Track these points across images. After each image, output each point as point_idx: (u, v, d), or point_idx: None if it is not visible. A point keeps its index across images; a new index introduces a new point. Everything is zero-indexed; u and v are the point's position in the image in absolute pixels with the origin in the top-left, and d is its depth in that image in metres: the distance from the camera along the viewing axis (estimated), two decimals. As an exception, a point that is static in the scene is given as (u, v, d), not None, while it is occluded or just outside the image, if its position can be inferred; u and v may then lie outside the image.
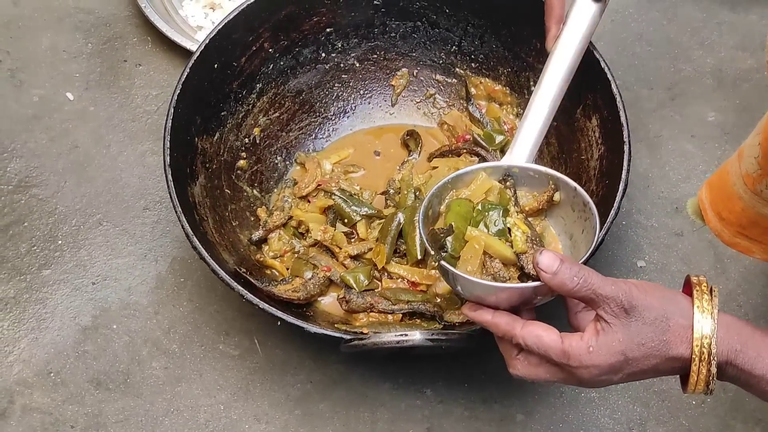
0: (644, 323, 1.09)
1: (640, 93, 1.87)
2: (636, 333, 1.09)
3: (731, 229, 1.36)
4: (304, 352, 1.61)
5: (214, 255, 1.45)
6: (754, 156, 1.25)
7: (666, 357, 1.10)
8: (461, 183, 1.36)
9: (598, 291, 1.10)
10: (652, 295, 1.10)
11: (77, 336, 1.63)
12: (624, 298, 1.09)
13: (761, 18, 1.95)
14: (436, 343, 1.35)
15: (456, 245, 1.30)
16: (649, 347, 1.09)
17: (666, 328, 1.09)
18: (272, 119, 1.74)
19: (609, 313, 1.10)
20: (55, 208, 1.76)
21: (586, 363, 1.11)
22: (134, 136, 1.84)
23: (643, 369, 1.11)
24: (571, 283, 1.11)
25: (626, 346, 1.09)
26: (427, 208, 1.32)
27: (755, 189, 1.27)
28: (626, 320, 1.09)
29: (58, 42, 1.97)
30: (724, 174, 1.35)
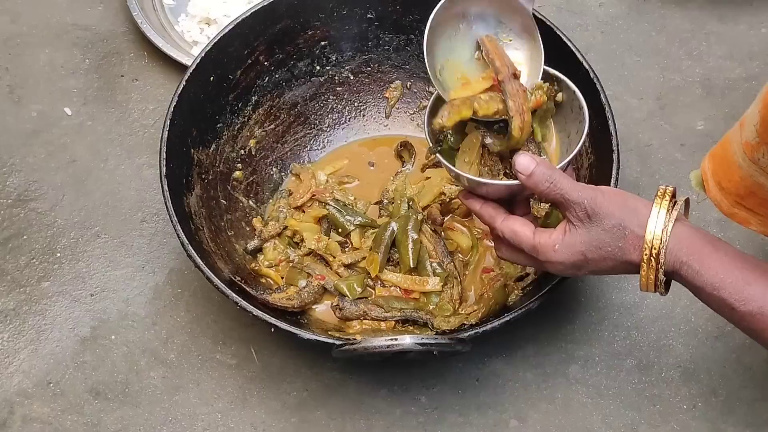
0: (603, 229, 1.21)
1: (630, 103, 1.89)
2: (595, 237, 1.21)
3: (730, 198, 1.40)
4: (300, 360, 1.62)
5: (209, 264, 1.47)
6: (753, 124, 1.27)
7: (620, 261, 1.22)
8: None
9: (566, 195, 1.22)
10: (614, 203, 1.21)
11: (76, 347, 1.65)
12: (588, 204, 1.21)
13: (749, 28, 1.98)
14: (426, 347, 1.36)
15: (456, 138, 1.37)
16: (606, 251, 1.21)
17: (622, 235, 1.20)
18: (268, 131, 1.76)
19: (574, 216, 1.23)
20: (53, 221, 1.78)
21: (551, 259, 1.25)
22: (131, 149, 1.87)
23: (601, 268, 1.24)
24: (543, 185, 1.24)
25: (586, 248, 1.22)
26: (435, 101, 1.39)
27: (753, 157, 1.29)
28: (588, 224, 1.21)
29: (56, 58, 1.99)
30: (726, 143, 1.38)
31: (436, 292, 1.60)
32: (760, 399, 1.56)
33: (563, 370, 1.60)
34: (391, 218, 1.65)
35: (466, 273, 1.64)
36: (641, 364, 1.59)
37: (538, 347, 1.62)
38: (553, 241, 1.24)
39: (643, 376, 1.59)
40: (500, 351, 1.61)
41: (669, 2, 2.03)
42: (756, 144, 1.28)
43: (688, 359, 1.60)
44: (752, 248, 1.67)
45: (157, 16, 2.04)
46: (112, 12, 2.06)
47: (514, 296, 1.56)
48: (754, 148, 1.28)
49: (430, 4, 1.67)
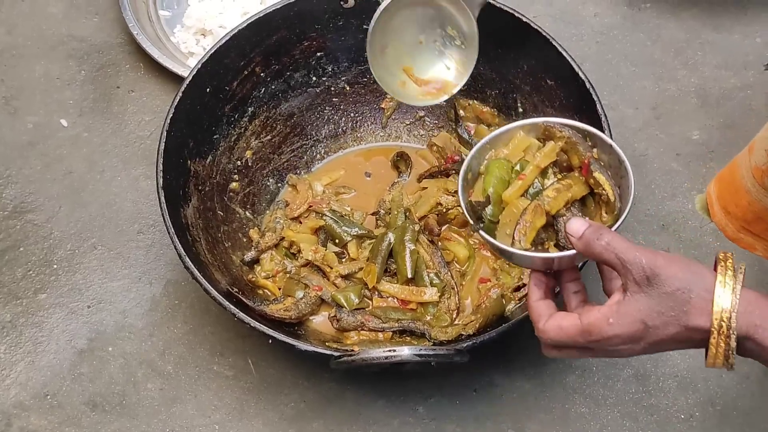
0: (665, 292, 1.09)
1: (626, 112, 1.89)
2: (657, 301, 1.10)
3: (736, 223, 1.37)
4: (298, 372, 1.62)
5: (206, 275, 1.47)
6: (764, 148, 1.25)
7: (685, 326, 1.09)
8: (500, 142, 1.32)
9: (622, 256, 1.11)
10: (676, 266, 1.10)
11: (73, 359, 1.65)
12: (647, 265, 1.10)
13: (744, 38, 1.98)
14: (424, 358, 1.36)
15: (495, 210, 1.29)
16: (669, 316, 1.10)
17: (687, 299, 1.09)
18: (264, 142, 1.76)
19: (632, 281, 1.11)
20: (50, 233, 1.78)
21: (607, 334, 1.12)
22: (128, 161, 1.87)
23: (663, 338, 1.11)
24: (596, 247, 1.14)
25: (646, 315, 1.10)
26: (466, 172, 1.30)
27: (763, 182, 1.27)
28: (648, 288, 1.10)
29: (52, 69, 2.00)
30: (734, 167, 1.35)
31: (434, 303, 1.60)
32: (757, 409, 1.56)
33: (561, 380, 1.60)
34: (388, 229, 1.65)
35: (463, 283, 1.64)
36: (638, 374, 1.59)
37: (535, 357, 1.62)
38: (604, 315, 1.13)
39: (640, 386, 1.59)
40: (498, 361, 1.61)
41: (664, 12, 2.03)
42: (766, 169, 1.26)
43: (685, 369, 1.60)
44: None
45: (152, 27, 2.04)
46: (108, 23, 2.06)
47: (511, 306, 1.56)
48: (764, 173, 1.26)
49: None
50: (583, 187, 1.28)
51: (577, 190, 1.28)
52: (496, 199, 1.29)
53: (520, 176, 1.28)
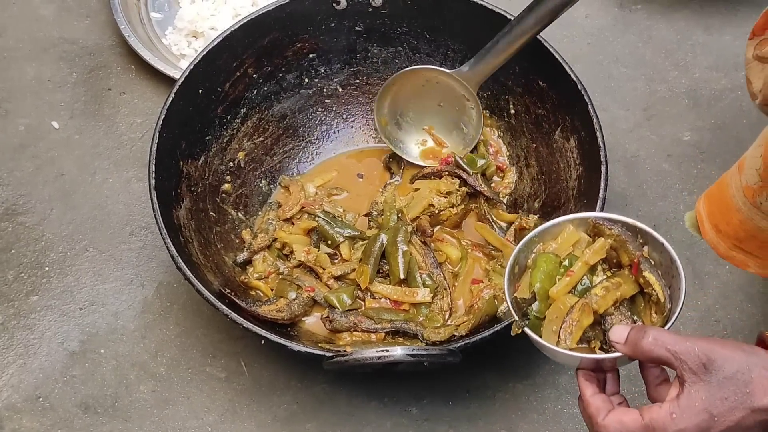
0: (725, 377, 1.06)
1: (617, 114, 1.90)
2: (718, 388, 1.06)
3: (728, 242, 1.35)
4: (290, 373, 1.62)
5: (199, 276, 1.47)
6: (755, 168, 1.23)
7: (751, 409, 1.05)
8: (548, 236, 1.30)
9: (673, 348, 1.09)
10: (730, 348, 1.08)
11: (65, 361, 1.64)
12: (701, 352, 1.07)
13: (734, 39, 1.99)
14: (417, 358, 1.36)
15: (542, 306, 1.25)
16: (733, 401, 1.05)
17: (749, 380, 1.06)
18: (256, 143, 1.76)
19: (688, 371, 1.07)
20: (41, 235, 1.77)
21: (671, 430, 1.07)
22: (119, 163, 1.86)
23: (729, 425, 1.06)
24: (645, 345, 1.11)
25: (709, 403, 1.06)
26: (513, 266, 1.27)
27: (755, 201, 1.25)
28: (706, 376, 1.07)
29: (43, 72, 1.99)
30: (723, 186, 1.33)
31: (426, 304, 1.60)
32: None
33: (553, 380, 1.60)
34: (380, 230, 1.65)
35: (455, 284, 1.64)
36: (630, 374, 1.59)
37: (528, 358, 1.62)
38: (666, 411, 1.08)
39: (632, 386, 1.59)
40: (490, 362, 1.62)
41: (655, 13, 2.04)
42: (758, 188, 1.24)
43: (677, 369, 1.60)
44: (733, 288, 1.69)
45: (144, 29, 2.04)
46: (99, 26, 2.06)
47: (503, 307, 1.56)
48: (755, 192, 1.25)
49: (418, 16, 1.69)
50: (633, 286, 1.25)
51: (627, 288, 1.25)
52: (543, 295, 1.25)
53: (568, 272, 1.25)
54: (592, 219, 1.29)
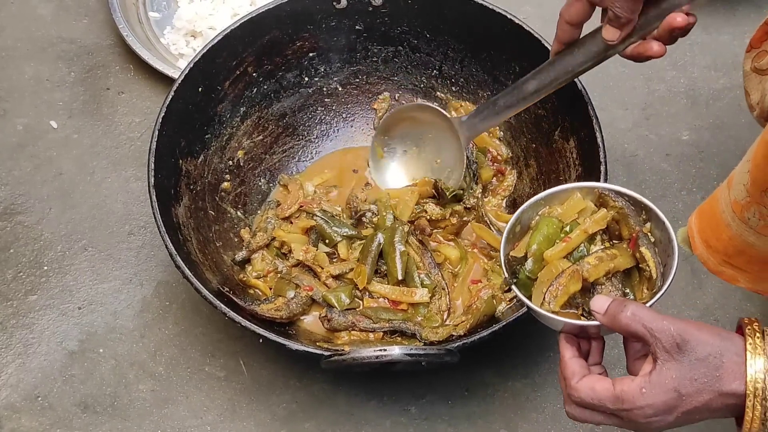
0: (697, 358, 1.09)
1: (616, 113, 1.90)
2: (689, 368, 1.09)
3: (717, 257, 1.35)
4: (289, 372, 1.62)
5: (197, 275, 1.47)
6: (743, 183, 1.24)
7: (719, 392, 1.08)
8: (555, 200, 1.31)
9: (649, 325, 1.11)
10: (706, 332, 1.10)
11: (64, 360, 1.64)
12: (676, 332, 1.10)
13: (733, 38, 1.99)
14: (415, 357, 1.36)
15: (535, 267, 1.27)
16: (702, 382, 1.08)
17: (719, 364, 1.08)
18: (256, 142, 1.76)
19: (661, 349, 1.10)
20: (40, 234, 1.77)
21: (639, 404, 1.10)
22: (118, 162, 1.86)
23: (696, 406, 1.09)
24: (623, 319, 1.13)
25: (679, 383, 1.09)
26: (514, 225, 1.30)
27: (743, 216, 1.26)
28: (679, 356, 1.09)
29: (42, 71, 1.99)
30: (714, 201, 1.33)
31: (424, 303, 1.60)
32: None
33: (552, 379, 1.60)
34: (377, 230, 1.65)
35: (454, 284, 1.64)
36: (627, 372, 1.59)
37: (526, 357, 1.62)
38: (637, 385, 1.11)
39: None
40: (489, 361, 1.62)
41: (653, 14, 2.04)
42: (746, 203, 1.25)
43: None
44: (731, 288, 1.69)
45: (142, 29, 2.04)
46: (98, 25, 2.06)
47: (502, 307, 1.56)
48: (744, 208, 1.26)
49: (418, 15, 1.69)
50: (629, 260, 1.27)
51: (622, 261, 1.26)
52: (538, 257, 1.27)
53: (565, 238, 1.27)
54: (599, 189, 1.30)
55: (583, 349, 1.24)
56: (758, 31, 1.46)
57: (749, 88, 1.49)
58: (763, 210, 1.24)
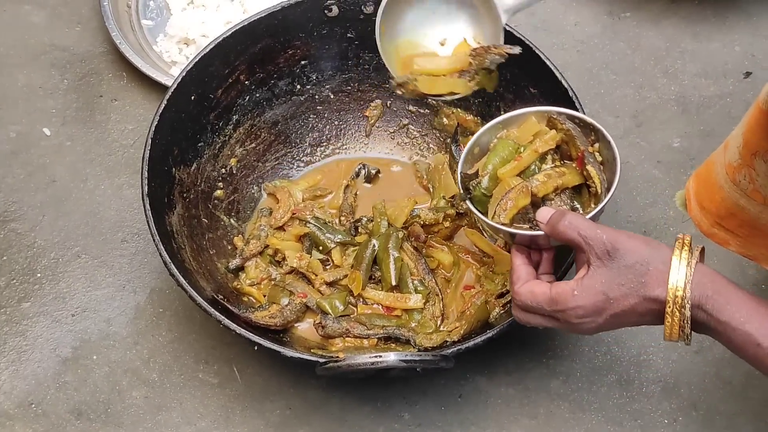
0: (625, 265, 1.17)
1: (607, 121, 1.90)
2: (617, 273, 1.18)
3: (710, 218, 1.41)
4: (283, 379, 1.62)
5: (191, 282, 1.48)
6: (737, 146, 1.29)
7: (643, 297, 1.17)
8: (512, 123, 1.41)
9: (583, 232, 1.20)
10: (636, 241, 1.19)
11: (58, 367, 1.64)
12: (608, 240, 1.19)
13: (723, 46, 2.00)
14: (410, 364, 1.37)
15: (491, 185, 1.38)
16: (628, 287, 1.17)
17: (645, 271, 1.17)
18: (248, 150, 1.77)
19: (594, 256, 1.19)
20: (33, 241, 1.77)
21: (571, 305, 1.20)
22: (111, 169, 1.86)
23: (623, 309, 1.19)
24: (561, 226, 1.23)
25: (607, 287, 1.18)
26: (473, 146, 1.41)
27: (735, 179, 1.31)
28: (609, 262, 1.18)
29: (34, 79, 1.99)
30: (710, 164, 1.40)
31: (418, 309, 1.60)
32: (740, 413, 1.57)
33: (545, 385, 1.61)
34: (371, 236, 1.66)
35: (447, 290, 1.64)
36: (622, 379, 1.60)
37: (519, 363, 1.63)
38: (571, 287, 1.20)
39: (624, 391, 1.60)
40: (482, 367, 1.62)
41: (644, 21, 2.05)
42: (738, 166, 1.29)
43: (668, 374, 1.61)
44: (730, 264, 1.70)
45: (135, 36, 2.04)
46: (90, 32, 2.06)
47: (495, 313, 1.57)
48: (736, 170, 1.30)
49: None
50: (577, 177, 1.37)
51: (570, 179, 1.36)
52: (494, 175, 1.38)
53: (517, 157, 1.38)
54: (551, 113, 1.40)
55: (534, 259, 1.33)
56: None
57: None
58: (752, 173, 1.28)
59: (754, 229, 1.37)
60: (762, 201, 1.31)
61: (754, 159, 1.26)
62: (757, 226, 1.36)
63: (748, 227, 1.37)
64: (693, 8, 2.06)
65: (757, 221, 1.35)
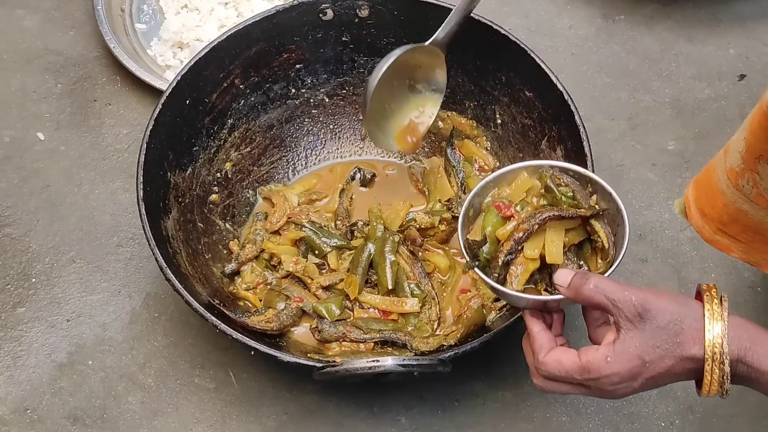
0: (658, 326, 1.12)
1: (602, 123, 1.91)
2: (651, 336, 1.12)
3: (712, 225, 1.40)
4: (280, 383, 1.62)
5: (187, 287, 1.47)
6: (738, 150, 1.28)
7: (680, 357, 1.12)
8: (504, 181, 1.34)
9: (611, 296, 1.14)
10: (666, 300, 1.14)
11: (53, 373, 1.64)
12: (638, 302, 1.13)
13: (717, 49, 2.00)
14: (408, 368, 1.37)
15: (491, 248, 1.30)
16: (664, 349, 1.12)
17: (679, 330, 1.12)
18: (243, 154, 1.76)
19: (624, 318, 1.14)
20: (28, 246, 1.77)
21: (605, 373, 1.14)
22: (105, 174, 1.86)
23: (659, 372, 1.13)
24: (586, 291, 1.16)
25: (642, 350, 1.12)
26: (467, 209, 1.33)
27: (737, 184, 1.30)
28: (641, 324, 1.13)
29: (28, 83, 1.99)
30: (710, 170, 1.38)
31: (415, 313, 1.60)
32: (737, 415, 1.58)
33: (542, 389, 1.61)
34: (367, 240, 1.66)
35: (444, 294, 1.64)
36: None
37: (516, 366, 1.63)
38: (603, 354, 1.14)
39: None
40: (479, 371, 1.62)
41: (638, 24, 2.05)
42: (740, 170, 1.28)
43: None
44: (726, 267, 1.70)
45: (129, 40, 2.04)
46: (84, 37, 2.06)
47: (492, 316, 1.57)
48: (738, 175, 1.29)
49: (404, 26, 1.69)
50: (581, 233, 1.30)
51: (574, 235, 1.30)
52: (493, 239, 1.30)
53: (514, 214, 1.30)
54: (544, 167, 1.33)
55: (546, 322, 1.27)
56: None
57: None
58: (756, 177, 1.27)
59: (757, 234, 1.36)
60: (766, 205, 1.30)
61: (758, 163, 1.25)
62: (760, 231, 1.35)
63: (752, 232, 1.36)
64: (687, 11, 2.07)
65: (761, 226, 1.34)
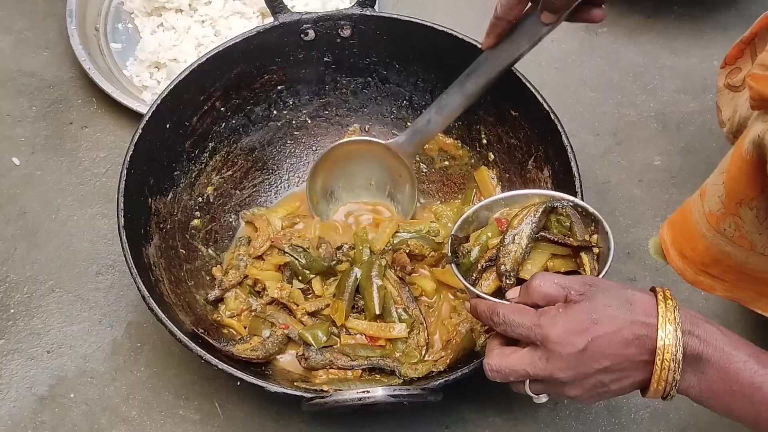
0: (609, 292, 1.15)
1: (586, 139, 1.89)
2: (602, 297, 1.14)
3: (694, 267, 1.38)
4: (266, 413, 1.59)
5: (170, 316, 1.44)
6: (717, 195, 1.27)
7: (631, 321, 1.12)
8: (516, 203, 1.39)
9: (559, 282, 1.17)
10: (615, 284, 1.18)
11: (34, 406, 1.60)
12: (587, 279, 1.19)
13: (702, 61, 1.99)
14: (398, 399, 1.34)
15: (479, 255, 1.36)
16: (615, 308, 1.13)
17: (631, 297, 1.14)
18: (225, 177, 1.73)
19: (576, 292, 1.16)
20: (5, 276, 1.73)
21: (555, 319, 1.14)
22: (83, 199, 1.82)
23: (607, 332, 1.12)
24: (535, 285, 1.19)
25: (592, 309, 1.13)
26: (470, 217, 1.40)
27: (719, 227, 1.29)
28: (591, 291, 1.15)
29: (2, 106, 1.95)
30: (686, 213, 1.37)
31: (403, 339, 1.58)
32: (730, 436, 1.56)
33: (532, 414, 1.59)
34: (353, 264, 1.63)
35: (431, 318, 1.62)
36: (610, 406, 1.59)
37: (506, 391, 1.58)
38: (556, 306, 1.15)
39: (612, 418, 1.58)
40: (469, 396, 1.60)
41: (621, 36, 2.04)
42: (721, 215, 1.28)
43: (656, 399, 1.59)
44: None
45: (104, 60, 2.00)
46: (58, 58, 2.02)
47: (481, 341, 1.54)
48: (719, 219, 1.29)
49: (386, 46, 1.67)
50: (569, 264, 1.34)
51: (561, 263, 1.33)
52: (484, 247, 1.36)
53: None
54: (558, 199, 1.37)
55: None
56: (733, 49, 1.50)
57: (721, 104, 1.53)
58: (738, 221, 1.26)
59: (741, 273, 1.35)
60: (749, 247, 1.29)
61: (739, 207, 1.24)
62: (744, 270, 1.34)
63: (735, 272, 1.35)
64: (670, 23, 2.05)
65: (744, 266, 1.33)
